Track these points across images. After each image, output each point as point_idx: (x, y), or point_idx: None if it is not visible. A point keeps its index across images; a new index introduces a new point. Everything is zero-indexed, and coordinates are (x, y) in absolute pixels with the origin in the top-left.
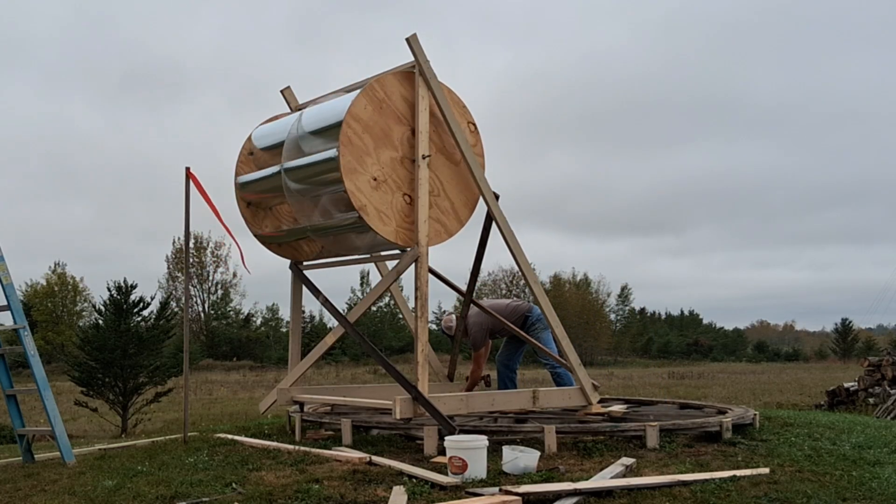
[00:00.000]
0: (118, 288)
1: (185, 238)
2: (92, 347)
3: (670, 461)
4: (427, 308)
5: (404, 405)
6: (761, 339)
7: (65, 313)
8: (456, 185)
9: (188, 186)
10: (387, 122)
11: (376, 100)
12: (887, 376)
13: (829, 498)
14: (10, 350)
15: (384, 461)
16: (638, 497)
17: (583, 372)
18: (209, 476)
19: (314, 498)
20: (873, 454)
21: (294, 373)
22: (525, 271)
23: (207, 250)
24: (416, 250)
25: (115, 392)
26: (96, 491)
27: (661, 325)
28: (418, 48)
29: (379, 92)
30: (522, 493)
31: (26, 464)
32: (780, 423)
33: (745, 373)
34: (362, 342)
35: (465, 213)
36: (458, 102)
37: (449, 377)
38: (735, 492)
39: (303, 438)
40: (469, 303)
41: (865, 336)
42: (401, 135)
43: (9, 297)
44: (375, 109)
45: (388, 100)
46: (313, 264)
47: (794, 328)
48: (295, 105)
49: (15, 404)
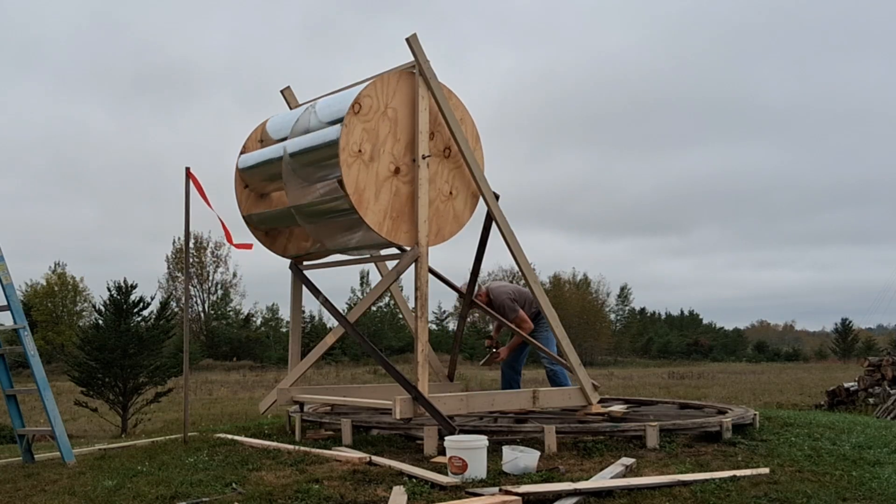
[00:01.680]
0: (118, 288)
1: (185, 238)
2: (92, 347)
3: (670, 461)
4: (427, 308)
5: (404, 405)
6: (761, 339)
7: (65, 313)
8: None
9: (188, 186)
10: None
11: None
12: (887, 376)
13: (829, 498)
14: (10, 350)
15: (384, 461)
16: (638, 497)
17: (583, 372)
18: (209, 476)
19: (314, 498)
20: (873, 454)
21: (294, 373)
22: (525, 271)
23: (207, 250)
24: (416, 250)
25: (115, 392)
26: (96, 491)
27: (661, 325)
28: (418, 48)
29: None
30: (522, 493)
31: (26, 464)
32: (780, 423)
33: (745, 373)
34: (362, 342)
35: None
36: (457, 105)
37: (449, 377)
38: (735, 492)
39: (303, 438)
40: (469, 303)
41: (865, 336)
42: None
43: (9, 297)
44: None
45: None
46: (313, 264)
47: (794, 328)
48: (295, 105)
49: (15, 404)
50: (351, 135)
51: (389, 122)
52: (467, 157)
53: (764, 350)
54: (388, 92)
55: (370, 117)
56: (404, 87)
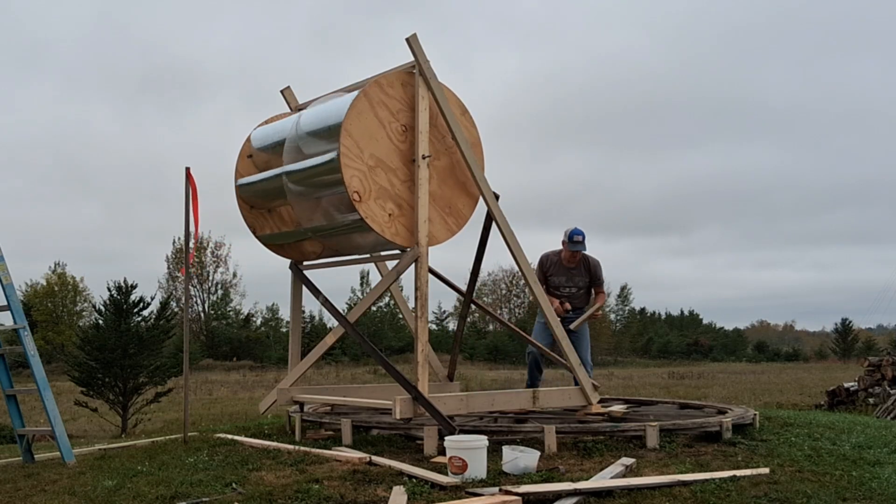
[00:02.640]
0: (118, 288)
1: (184, 238)
2: (92, 347)
3: (670, 461)
4: (427, 308)
5: (404, 405)
6: (761, 339)
7: (65, 313)
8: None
9: (188, 187)
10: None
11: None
12: (887, 376)
13: (829, 498)
14: (10, 350)
15: (384, 461)
16: (638, 497)
17: (583, 372)
18: (209, 476)
19: (314, 498)
20: (873, 454)
21: (294, 373)
22: (525, 271)
23: (207, 250)
24: (416, 250)
25: (115, 392)
26: (96, 491)
27: (661, 325)
28: (418, 48)
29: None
30: (522, 493)
31: (26, 464)
32: (780, 423)
33: (745, 373)
34: (362, 342)
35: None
36: (458, 105)
37: (449, 377)
38: (735, 492)
39: (303, 438)
40: (469, 303)
41: (865, 336)
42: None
43: (9, 297)
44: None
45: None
46: (313, 264)
47: (794, 328)
48: (295, 105)
49: (15, 404)
50: (351, 183)
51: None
52: (467, 157)
53: (764, 350)
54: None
55: (357, 163)
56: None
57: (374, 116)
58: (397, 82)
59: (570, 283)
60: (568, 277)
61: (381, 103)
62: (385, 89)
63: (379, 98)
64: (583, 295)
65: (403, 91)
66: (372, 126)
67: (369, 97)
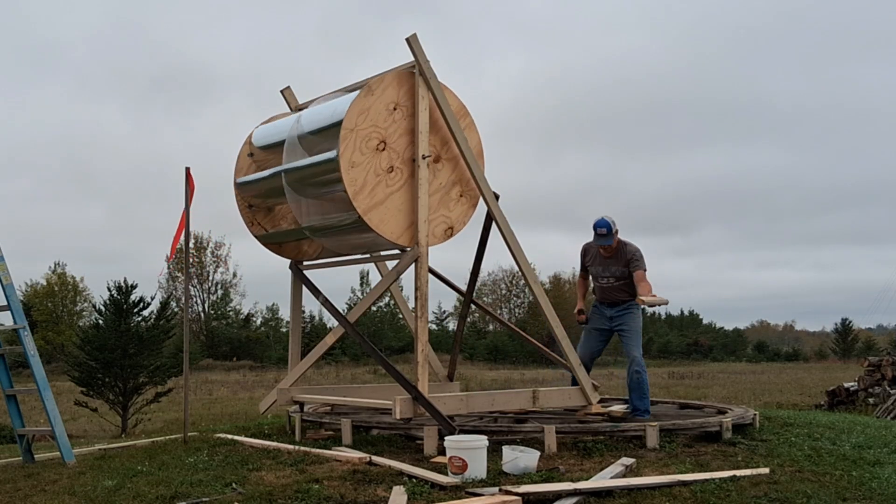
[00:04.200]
0: (118, 288)
1: (184, 238)
2: (92, 347)
3: (670, 461)
4: (427, 308)
5: (404, 405)
6: (761, 339)
7: (65, 313)
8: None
9: (188, 187)
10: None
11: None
12: (887, 376)
13: (829, 498)
14: (10, 350)
15: (384, 461)
16: (638, 497)
17: (583, 372)
18: (209, 476)
19: (314, 498)
20: (873, 454)
21: (294, 373)
22: (525, 271)
23: (207, 250)
24: (416, 250)
25: (115, 392)
26: (96, 491)
27: (661, 325)
28: (418, 48)
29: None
30: (522, 493)
31: (26, 464)
32: (780, 423)
33: (745, 373)
34: (362, 342)
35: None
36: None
37: (449, 377)
38: (735, 492)
39: (303, 438)
40: (469, 303)
41: (865, 336)
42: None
43: (9, 297)
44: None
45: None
46: (313, 264)
47: (794, 328)
48: (295, 105)
49: (15, 404)
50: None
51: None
52: (467, 157)
53: (764, 350)
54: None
55: (362, 163)
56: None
57: (374, 116)
58: (396, 82)
59: (607, 273)
60: (604, 267)
61: (381, 103)
62: (385, 89)
63: (379, 97)
64: (622, 286)
65: (403, 91)
66: (372, 125)
67: (369, 97)
